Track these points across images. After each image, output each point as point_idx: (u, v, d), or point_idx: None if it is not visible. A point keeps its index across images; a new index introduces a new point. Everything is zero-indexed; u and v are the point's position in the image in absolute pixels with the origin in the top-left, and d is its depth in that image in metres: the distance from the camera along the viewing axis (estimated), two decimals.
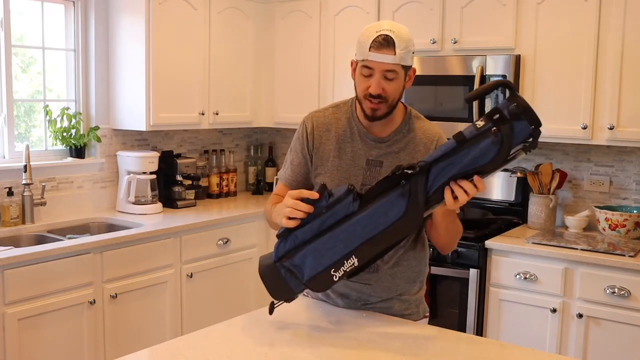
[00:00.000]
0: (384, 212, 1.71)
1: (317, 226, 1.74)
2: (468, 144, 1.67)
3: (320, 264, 1.74)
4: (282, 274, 1.79)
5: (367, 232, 1.72)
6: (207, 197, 4.38)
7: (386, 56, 1.86)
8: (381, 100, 1.91)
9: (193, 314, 3.63)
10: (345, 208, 1.73)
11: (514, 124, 1.64)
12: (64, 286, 3.00)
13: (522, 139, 1.64)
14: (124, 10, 3.76)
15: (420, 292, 2.12)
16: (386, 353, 1.76)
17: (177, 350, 1.77)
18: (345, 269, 1.73)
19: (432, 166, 1.70)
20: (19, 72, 3.67)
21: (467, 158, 1.66)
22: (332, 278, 1.75)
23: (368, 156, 2.00)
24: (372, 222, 1.72)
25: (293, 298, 1.84)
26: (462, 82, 3.53)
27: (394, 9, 3.80)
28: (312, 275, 1.75)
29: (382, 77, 1.89)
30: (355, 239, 1.72)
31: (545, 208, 3.53)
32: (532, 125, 1.63)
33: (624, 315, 2.94)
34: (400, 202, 1.70)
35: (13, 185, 3.40)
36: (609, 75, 3.20)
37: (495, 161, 1.65)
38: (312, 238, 1.75)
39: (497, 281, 3.25)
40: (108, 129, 3.90)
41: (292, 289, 1.79)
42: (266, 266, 1.83)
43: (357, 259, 1.73)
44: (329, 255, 1.73)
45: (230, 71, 4.18)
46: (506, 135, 1.63)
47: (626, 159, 3.51)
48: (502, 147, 1.63)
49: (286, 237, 1.79)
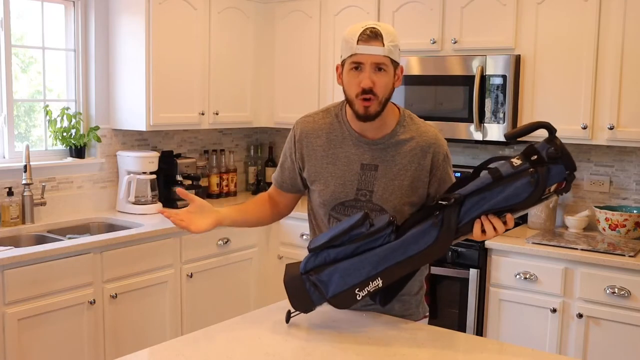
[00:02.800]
0: (415, 240, 1.77)
1: (351, 250, 1.80)
2: (504, 181, 1.71)
3: (346, 283, 1.79)
4: (307, 287, 1.83)
5: (396, 257, 1.78)
6: (207, 197, 4.37)
7: (375, 48, 1.83)
8: (372, 96, 1.86)
9: (193, 314, 3.63)
10: (382, 238, 1.78)
11: (551, 167, 1.67)
12: (64, 286, 3.00)
13: (557, 182, 1.68)
14: (124, 10, 3.76)
15: (420, 292, 2.12)
16: (386, 353, 1.76)
17: (177, 350, 1.77)
18: (369, 289, 1.79)
19: (466, 199, 1.75)
20: (19, 72, 3.67)
21: (501, 196, 1.71)
22: (356, 297, 1.80)
23: (362, 160, 1.96)
24: (404, 248, 1.77)
25: (311, 310, 1.88)
26: (462, 82, 3.53)
27: (394, 9, 3.80)
28: (336, 292, 1.80)
29: (373, 70, 1.85)
30: (384, 262, 1.78)
31: (545, 208, 3.53)
32: (567, 170, 1.67)
33: (624, 315, 2.94)
34: (432, 231, 1.76)
35: (13, 185, 3.40)
36: (609, 75, 3.20)
37: (528, 201, 1.69)
38: (343, 258, 1.80)
39: (497, 281, 3.25)
40: (108, 129, 3.90)
41: (313, 302, 1.84)
42: (292, 276, 1.87)
43: (382, 281, 1.79)
44: (356, 275, 1.79)
45: (230, 71, 4.18)
46: (542, 177, 1.67)
47: (626, 159, 3.51)
48: (536, 189, 1.67)
49: (318, 253, 1.84)
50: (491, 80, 3.43)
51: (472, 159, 3.96)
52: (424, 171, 1.96)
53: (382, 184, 1.93)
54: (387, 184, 1.93)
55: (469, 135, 3.52)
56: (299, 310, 1.88)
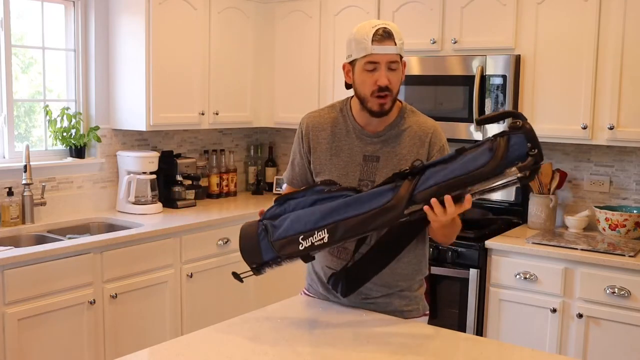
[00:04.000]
0: (369, 199, 1.78)
1: (310, 201, 1.83)
2: (465, 153, 1.72)
3: (292, 229, 1.81)
4: (258, 232, 1.85)
5: (347, 212, 1.78)
6: (207, 197, 4.38)
7: (389, 47, 1.91)
8: (387, 93, 1.94)
9: (193, 314, 3.63)
10: (342, 196, 1.81)
11: (510, 136, 1.66)
12: (64, 286, 3.00)
13: (517, 154, 1.64)
14: (124, 10, 3.76)
15: (421, 290, 2.14)
16: (386, 353, 1.76)
17: (177, 350, 1.78)
18: (313, 240, 1.78)
19: (427, 169, 1.75)
20: (19, 73, 3.67)
21: (459, 163, 1.70)
22: (298, 246, 1.80)
23: (364, 152, 2.03)
24: (356, 205, 1.78)
25: (261, 267, 1.87)
26: (462, 82, 3.53)
27: (394, 9, 3.80)
28: (282, 236, 1.81)
29: (387, 69, 1.93)
30: (334, 215, 1.78)
31: (545, 208, 3.53)
32: (529, 142, 1.64)
33: (624, 315, 2.94)
34: (387, 193, 1.77)
35: (13, 185, 3.40)
36: (609, 75, 3.20)
37: (485, 168, 1.66)
38: (301, 208, 1.83)
39: (497, 281, 3.25)
40: (108, 129, 3.90)
41: (262, 249, 1.84)
42: (249, 224, 1.90)
43: (327, 235, 1.78)
44: (304, 223, 1.80)
45: (230, 71, 4.18)
46: (501, 145, 1.65)
47: (626, 159, 3.51)
48: (494, 155, 1.65)
49: (281, 203, 1.87)
50: (491, 80, 3.43)
51: None
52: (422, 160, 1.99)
53: (384, 174, 1.98)
54: (388, 174, 1.96)
55: (468, 135, 3.52)
56: (248, 262, 1.88)
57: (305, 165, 2.12)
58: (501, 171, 1.66)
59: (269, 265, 1.87)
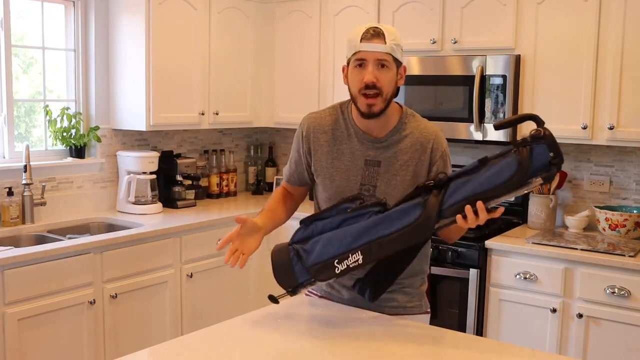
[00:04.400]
0: (398, 216, 1.77)
1: (337, 222, 1.83)
2: (489, 163, 1.72)
3: (326, 253, 1.80)
4: (290, 257, 1.85)
5: (378, 231, 1.77)
6: (207, 197, 4.38)
7: (377, 45, 1.91)
8: (376, 92, 1.92)
9: (193, 314, 3.63)
10: (369, 214, 1.81)
11: (534, 147, 1.68)
12: (64, 286, 3.00)
13: (541, 164, 1.67)
14: (124, 10, 3.76)
15: (422, 287, 2.16)
16: (387, 353, 1.76)
17: (177, 350, 1.77)
18: (348, 263, 1.79)
19: (452, 181, 1.76)
20: (20, 73, 3.67)
21: (485, 176, 1.71)
22: (335, 270, 1.80)
23: (366, 157, 2.02)
24: (385, 224, 1.78)
25: (296, 289, 1.87)
26: (462, 82, 3.52)
27: (394, 9, 3.80)
28: (316, 261, 1.81)
29: (375, 67, 1.92)
30: (365, 236, 1.78)
31: (545, 208, 3.53)
32: (551, 151, 1.67)
33: (624, 315, 2.94)
34: (416, 210, 1.76)
35: (13, 185, 3.40)
36: (609, 75, 3.20)
37: (511, 180, 1.68)
38: (329, 230, 1.83)
39: (497, 281, 3.25)
40: (108, 129, 3.90)
41: (296, 273, 1.84)
42: (279, 248, 1.90)
43: (362, 256, 1.78)
44: (337, 246, 1.79)
45: (230, 71, 4.18)
46: (525, 156, 1.67)
47: (626, 159, 3.51)
48: (519, 167, 1.67)
49: (308, 225, 1.87)
50: (491, 80, 3.43)
51: (472, 159, 3.95)
52: (424, 166, 2.01)
53: (385, 179, 1.99)
54: (390, 180, 1.98)
55: (469, 135, 3.52)
56: (283, 285, 1.88)
57: (303, 165, 2.12)
58: (527, 182, 1.69)
59: (304, 286, 1.88)
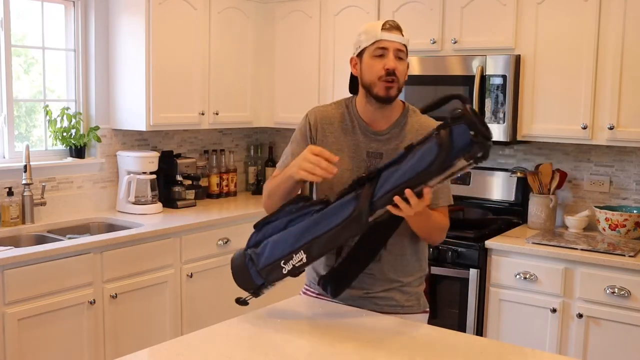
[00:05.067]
0: (334, 213, 1.82)
1: (284, 223, 1.88)
2: (414, 150, 1.73)
3: (273, 255, 1.88)
4: (246, 261, 1.93)
5: (317, 230, 1.83)
6: (207, 197, 4.38)
7: (398, 36, 2.01)
8: (394, 79, 1.99)
9: (193, 314, 3.63)
10: (310, 213, 1.86)
11: (453, 128, 1.66)
12: (64, 286, 3.00)
13: (463, 145, 1.64)
14: (124, 10, 3.76)
15: (420, 287, 2.17)
16: (386, 353, 1.76)
17: (177, 350, 1.78)
18: (294, 262, 1.85)
19: (382, 172, 1.78)
20: (21, 73, 3.67)
21: (409, 163, 1.73)
22: (282, 270, 1.87)
23: (368, 149, 2.06)
24: (323, 222, 1.83)
25: (257, 290, 1.94)
26: (462, 82, 3.53)
27: (394, 9, 3.80)
28: (266, 264, 1.89)
29: (395, 57, 2.00)
30: (306, 235, 1.84)
31: (545, 208, 3.53)
32: (471, 130, 1.63)
33: (624, 315, 2.94)
34: (349, 205, 1.81)
35: (13, 185, 3.40)
36: (609, 75, 3.20)
37: (433, 165, 1.68)
38: (278, 231, 1.89)
39: (497, 281, 3.25)
40: (108, 129, 3.90)
41: (252, 277, 1.92)
42: (236, 255, 1.99)
43: (304, 255, 1.84)
44: (282, 248, 1.86)
45: (230, 71, 4.18)
46: (445, 138, 1.66)
47: (626, 159, 3.51)
48: (440, 151, 1.66)
49: (260, 229, 1.93)
50: (491, 80, 3.43)
51: None
52: None
53: None
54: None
55: None
56: (244, 289, 1.95)
57: None
58: (450, 164, 1.68)
59: (265, 287, 1.94)
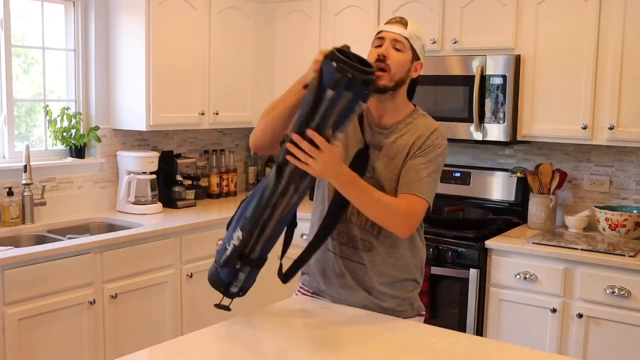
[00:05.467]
0: (260, 186, 1.87)
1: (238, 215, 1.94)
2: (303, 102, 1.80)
3: (223, 244, 1.94)
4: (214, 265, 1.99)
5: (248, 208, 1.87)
6: (207, 197, 4.38)
7: (397, 28, 2.04)
8: (385, 68, 2.00)
9: (193, 314, 3.63)
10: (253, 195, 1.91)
11: (322, 66, 1.75)
12: (64, 286, 3.00)
13: (330, 76, 1.71)
14: (123, 10, 3.77)
15: (414, 292, 2.15)
16: (386, 353, 1.76)
17: (177, 350, 1.78)
18: (234, 242, 1.90)
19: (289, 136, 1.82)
20: (21, 73, 3.67)
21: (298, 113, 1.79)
22: (226, 251, 1.92)
23: (371, 139, 2.10)
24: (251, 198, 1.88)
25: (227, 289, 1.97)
26: (462, 82, 3.52)
27: (394, 9, 3.80)
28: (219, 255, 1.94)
29: (391, 46, 2.03)
30: (242, 216, 1.89)
31: (545, 208, 3.53)
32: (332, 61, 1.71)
33: (624, 315, 2.94)
34: (269, 176, 1.86)
35: (13, 185, 3.40)
36: (609, 75, 3.20)
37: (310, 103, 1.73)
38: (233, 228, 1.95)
39: (497, 281, 3.25)
40: (108, 129, 3.90)
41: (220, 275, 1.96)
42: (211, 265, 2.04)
43: (241, 232, 1.88)
44: (228, 234, 1.93)
45: (230, 71, 4.18)
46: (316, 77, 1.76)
47: (626, 159, 3.51)
48: (312, 87, 1.75)
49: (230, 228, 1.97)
50: (491, 80, 3.43)
51: (472, 159, 3.96)
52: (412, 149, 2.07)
53: (383, 162, 2.06)
54: (387, 163, 2.06)
55: (469, 135, 3.52)
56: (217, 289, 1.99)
57: None
58: (322, 97, 1.72)
59: (232, 285, 1.96)
